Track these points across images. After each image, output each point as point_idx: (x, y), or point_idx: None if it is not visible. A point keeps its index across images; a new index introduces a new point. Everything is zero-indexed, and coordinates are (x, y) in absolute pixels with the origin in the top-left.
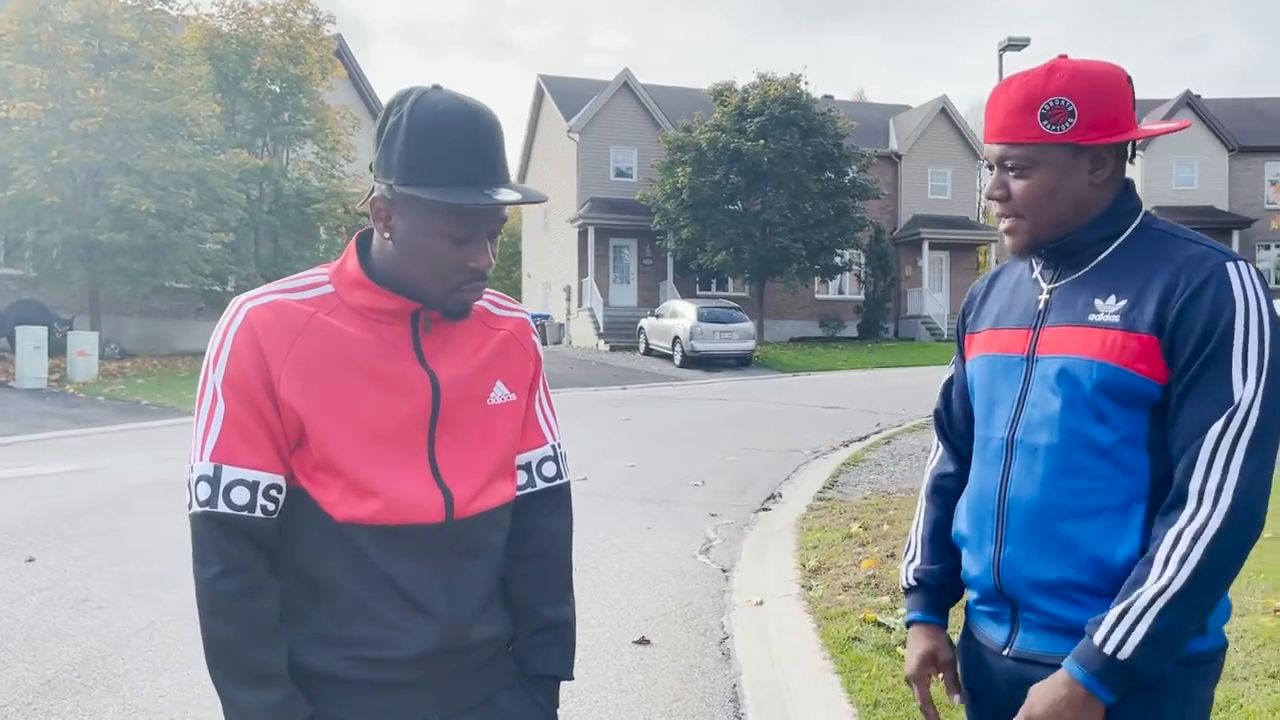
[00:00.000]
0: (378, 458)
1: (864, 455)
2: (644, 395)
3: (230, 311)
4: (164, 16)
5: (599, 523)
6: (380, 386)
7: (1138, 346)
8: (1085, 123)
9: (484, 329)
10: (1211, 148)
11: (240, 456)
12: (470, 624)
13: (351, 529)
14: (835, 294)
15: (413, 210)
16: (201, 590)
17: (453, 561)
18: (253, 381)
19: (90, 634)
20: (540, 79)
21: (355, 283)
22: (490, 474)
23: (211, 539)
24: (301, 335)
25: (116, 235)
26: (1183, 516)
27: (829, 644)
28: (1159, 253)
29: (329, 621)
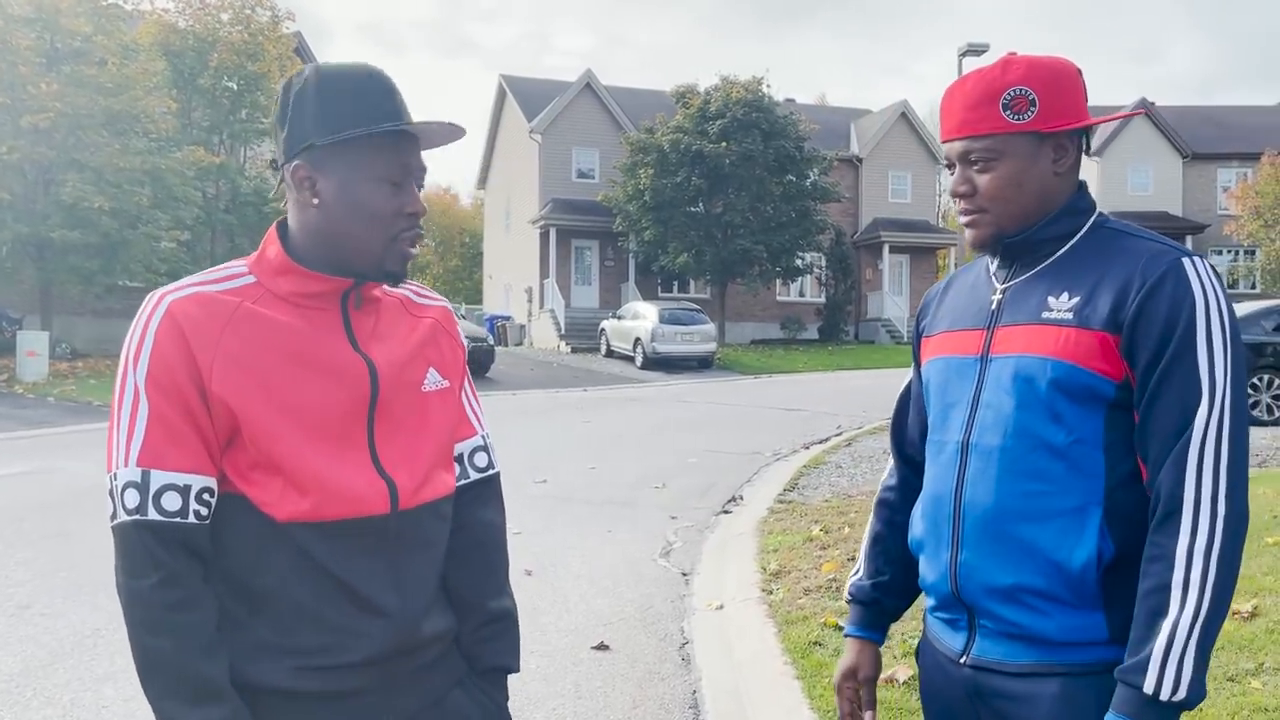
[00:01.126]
0: (318, 450)
1: (825, 457)
2: (605, 397)
3: (148, 305)
4: (119, 11)
5: (558, 526)
6: (317, 374)
7: (1092, 343)
8: (1047, 110)
9: (409, 316)
10: (1166, 154)
11: (169, 459)
12: (420, 620)
13: (293, 529)
14: (796, 296)
15: (342, 164)
16: (135, 603)
17: (400, 556)
18: (179, 377)
19: (30, 642)
20: (502, 79)
21: (280, 269)
22: (430, 463)
23: (144, 548)
24: (229, 325)
25: (68, 233)
26: (1184, 531)
27: (790, 649)
28: (1113, 250)
29: (271, 631)
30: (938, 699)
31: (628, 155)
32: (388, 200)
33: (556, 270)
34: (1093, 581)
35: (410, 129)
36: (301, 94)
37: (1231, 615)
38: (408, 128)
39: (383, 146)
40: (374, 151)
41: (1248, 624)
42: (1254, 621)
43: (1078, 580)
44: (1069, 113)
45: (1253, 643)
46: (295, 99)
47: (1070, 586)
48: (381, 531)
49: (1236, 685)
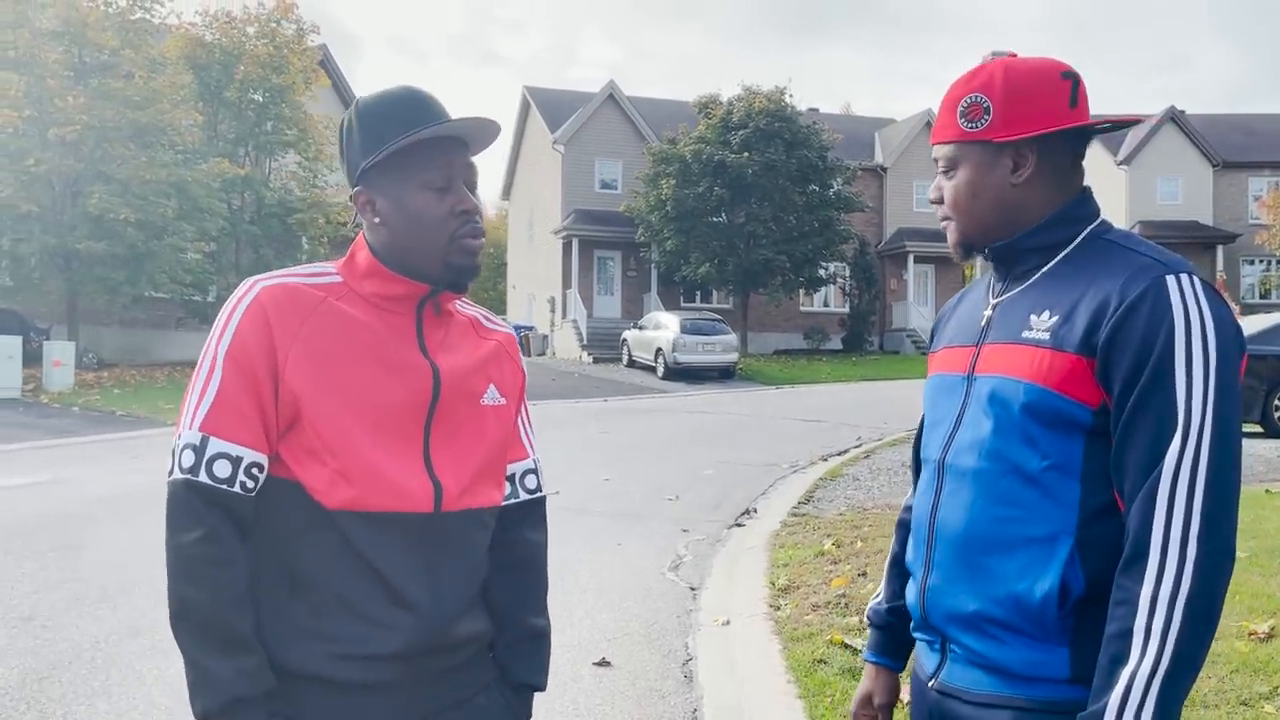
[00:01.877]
0: (375, 443)
1: (842, 470)
2: (625, 408)
3: (243, 289)
4: (146, 25)
5: (568, 538)
6: (385, 372)
7: (1066, 367)
8: (1000, 119)
9: (476, 336)
10: (1196, 163)
11: (228, 430)
12: (451, 621)
13: (339, 516)
14: (820, 306)
15: (390, 180)
16: (175, 555)
17: (437, 555)
18: (256, 358)
19: (29, 654)
20: (526, 90)
21: (366, 271)
22: (477, 472)
23: (190, 506)
24: (312, 316)
25: (95, 244)
26: (1149, 575)
27: (793, 666)
28: (1100, 265)
29: (308, 615)
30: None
31: (650, 166)
32: (437, 204)
33: (579, 280)
34: (1053, 616)
35: (442, 130)
36: (349, 127)
37: (1247, 636)
38: (439, 129)
39: (421, 154)
40: (414, 161)
41: (1264, 645)
42: (1271, 642)
43: (1037, 613)
44: (1028, 121)
45: (1268, 664)
46: (346, 133)
47: (1029, 619)
48: (422, 529)
49: (1250, 710)
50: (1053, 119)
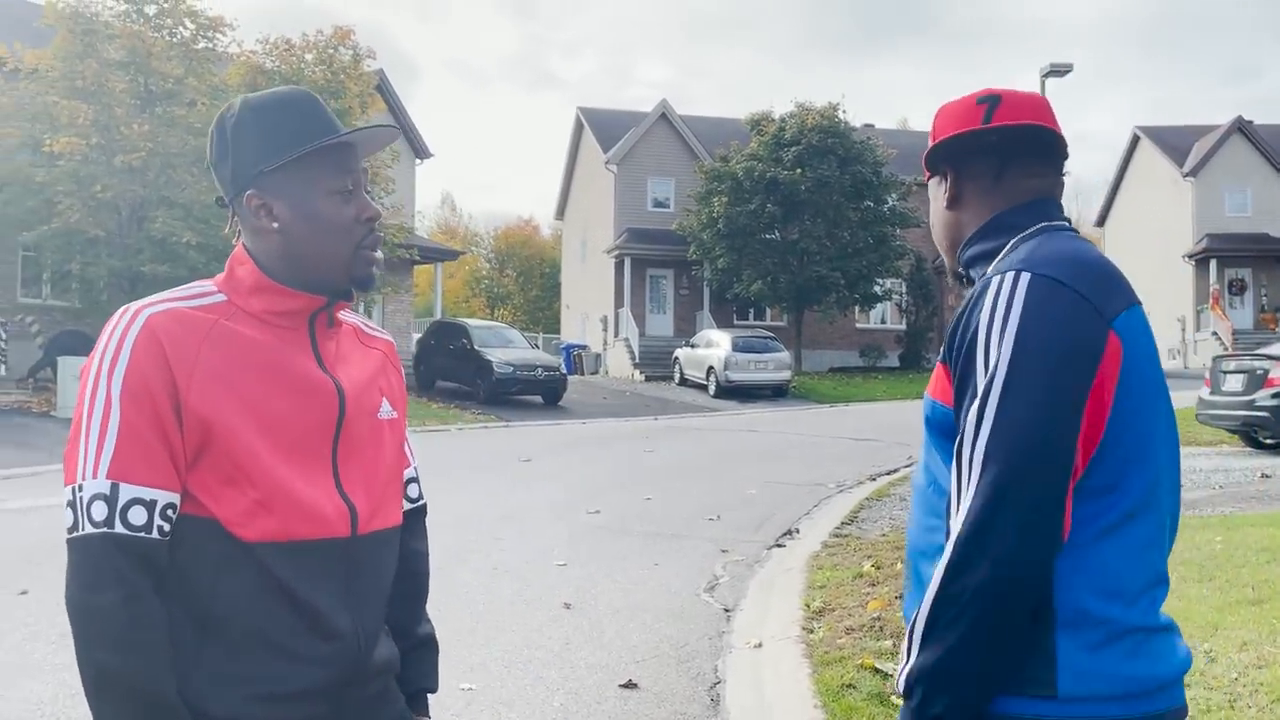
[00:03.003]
0: (289, 468)
1: (890, 489)
2: (674, 426)
3: (124, 318)
4: (209, 54)
5: (604, 558)
6: (290, 392)
7: (943, 378)
8: (931, 151)
9: (361, 346)
10: (1265, 174)
11: (138, 473)
12: (370, 647)
13: (259, 549)
14: (876, 323)
15: (293, 185)
16: (95, 620)
17: (355, 581)
18: (155, 390)
19: (65, 669)
20: (580, 111)
21: (254, 287)
22: (384, 490)
23: (109, 562)
24: (207, 341)
25: (159, 267)
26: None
27: (822, 691)
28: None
29: (224, 658)
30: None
31: (702, 183)
32: (341, 210)
33: (631, 299)
34: None
35: (351, 138)
36: (239, 126)
37: None
38: (350, 137)
39: (328, 160)
40: (320, 166)
41: None
42: None
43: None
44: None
45: None
46: (233, 131)
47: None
48: (339, 555)
49: None
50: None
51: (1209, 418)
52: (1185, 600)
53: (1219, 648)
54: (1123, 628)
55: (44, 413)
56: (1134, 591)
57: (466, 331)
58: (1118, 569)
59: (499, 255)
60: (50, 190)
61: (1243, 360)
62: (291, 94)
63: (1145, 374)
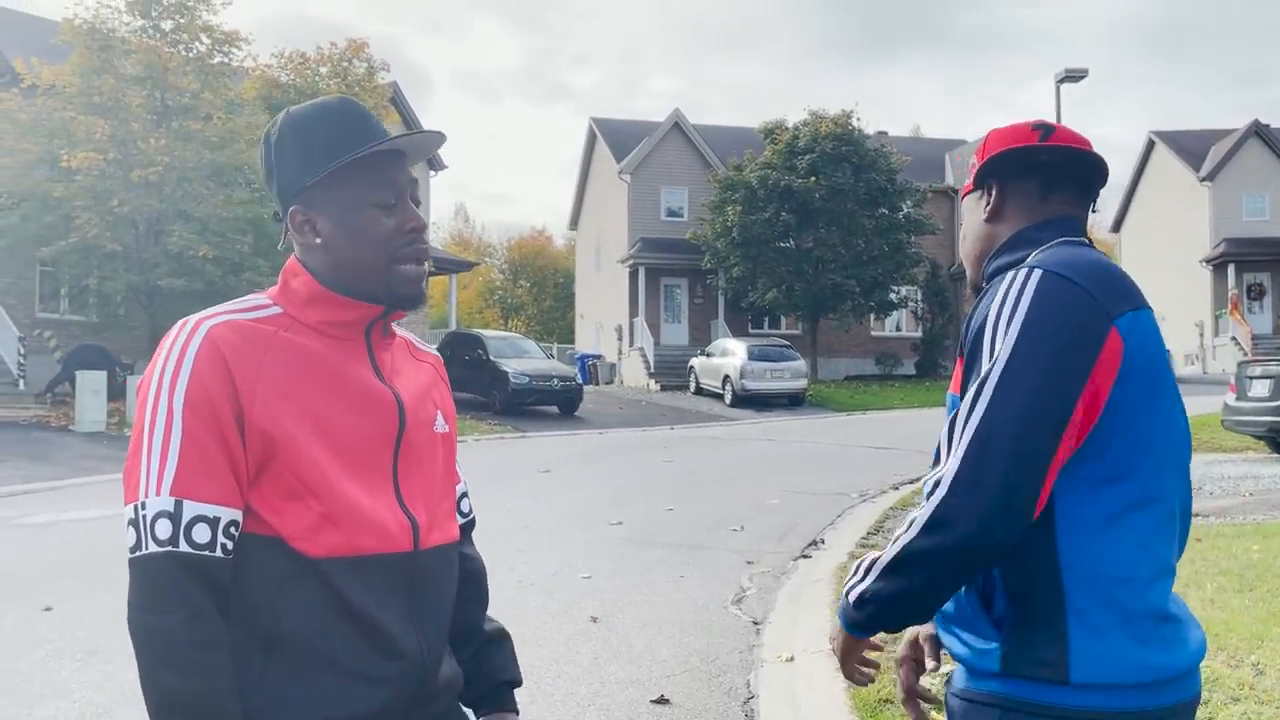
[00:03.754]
0: (352, 480)
1: (913, 499)
2: (691, 436)
3: (184, 331)
4: (224, 68)
5: (629, 570)
6: (351, 403)
7: (958, 370)
8: (978, 168)
9: (413, 359)
10: None
11: (202, 489)
12: (435, 667)
13: (324, 564)
14: (892, 331)
15: (333, 199)
16: (156, 640)
17: (419, 597)
18: (220, 404)
19: (92, 688)
20: (593, 121)
21: (309, 298)
22: (442, 505)
23: (174, 582)
24: (269, 353)
25: (176, 281)
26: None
27: (858, 706)
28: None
29: (289, 679)
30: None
31: (716, 193)
32: (383, 223)
33: (646, 308)
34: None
35: (388, 145)
36: (280, 142)
37: None
38: (385, 145)
39: (367, 171)
40: (360, 178)
41: None
42: None
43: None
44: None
45: None
46: (276, 148)
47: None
48: (404, 570)
49: None
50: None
51: (1235, 424)
52: (1228, 611)
53: (1266, 660)
54: (1132, 614)
55: (63, 427)
56: (1143, 579)
57: (482, 342)
58: (1126, 557)
59: (512, 266)
60: (68, 205)
61: (1269, 365)
62: (330, 104)
63: (1150, 372)
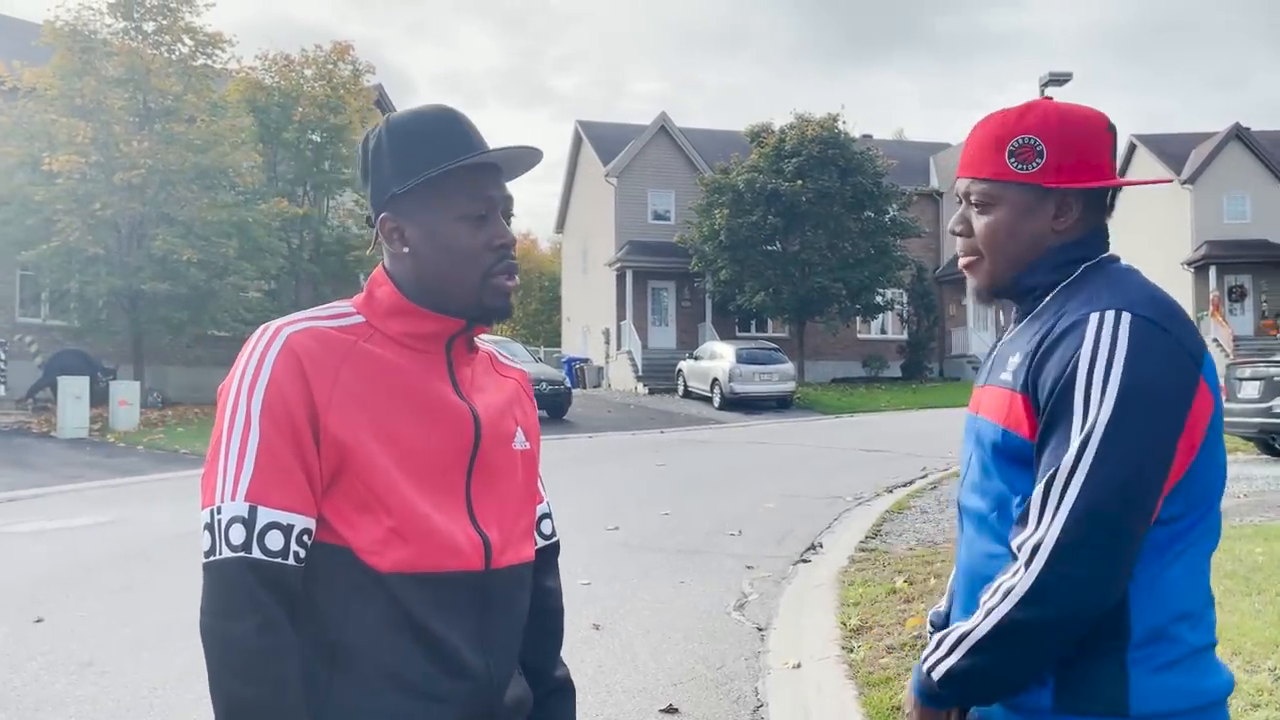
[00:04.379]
0: (423, 495)
1: (909, 502)
2: (682, 439)
3: (264, 336)
4: (208, 70)
5: (629, 576)
6: (426, 418)
7: (1017, 407)
8: (1053, 164)
9: (496, 375)
10: (1264, 180)
11: (275, 496)
12: (502, 689)
13: (392, 579)
14: (878, 334)
15: (424, 209)
16: (230, 648)
17: (487, 617)
18: (296, 411)
19: (88, 703)
20: (578, 124)
21: (392, 309)
22: (517, 524)
23: (247, 589)
24: (346, 362)
25: (159, 285)
26: (1009, 570)
27: (871, 714)
28: (1062, 302)
29: (354, 693)
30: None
31: (703, 196)
32: (473, 236)
33: (633, 312)
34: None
35: (483, 159)
36: (378, 147)
37: None
38: (479, 158)
39: (460, 183)
40: (452, 190)
41: None
42: None
43: None
44: (1078, 169)
45: None
46: (373, 153)
47: None
48: (473, 589)
49: None
50: (1102, 173)
51: (1225, 425)
52: (1238, 615)
53: None
54: (1191, 648)
55: (44, 433)
56: (1199, 612)
57: None
58: (1185, 591)
59: None
60: (49, 209)
61: (1259, 367)
62: (431, 112)
63: (1218, 411)
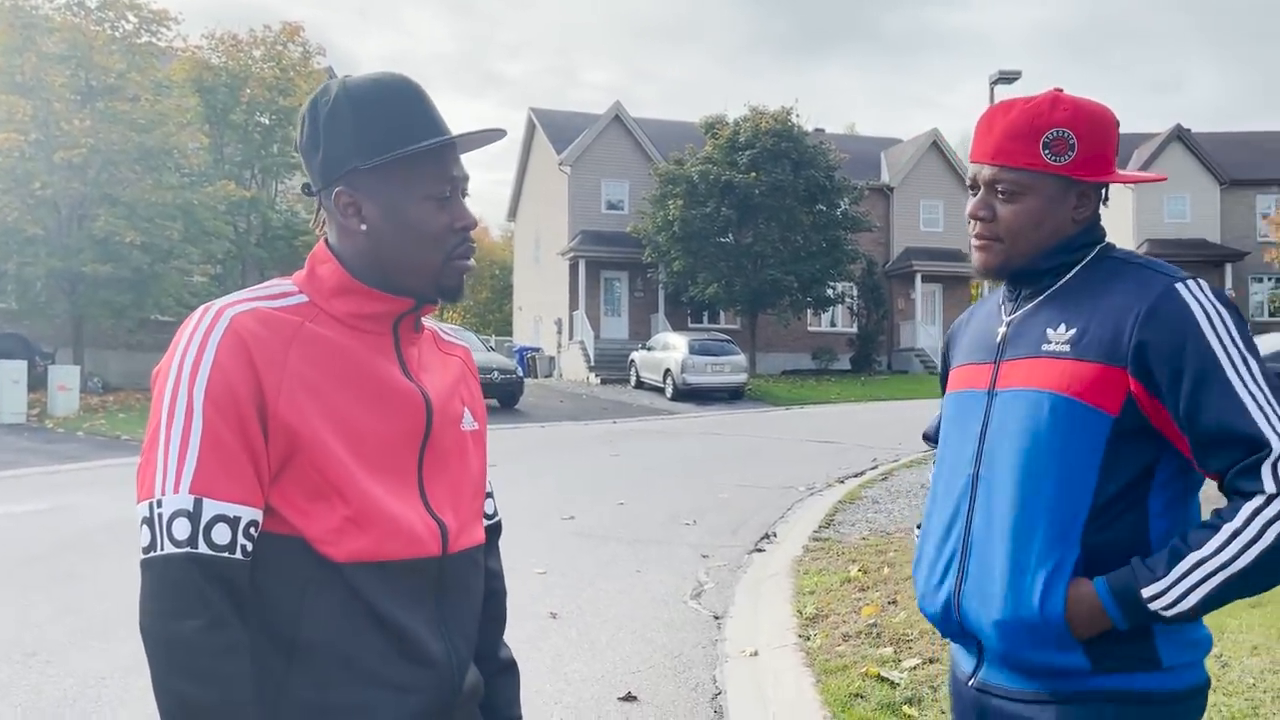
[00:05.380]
0: (377, 482)
1: (860, 492)
2: (635, 429)
3: (205, 317)
4: (152, 49)
5: (585, 565)
6: (378, 402)
7: (1089, 376)
8: (1083, 158)
9: (440, 353)
10: (1203, 181)
11: (221, 487)
12: (463, 674)
13: (350, 570)
14: (828, 326)
15: (386, 186)
16: (175, 648)
17: (446, 602)
18: (242, 398)
19: (33, 692)
20: (532, 112)
21: (338, 288)
22: (470, 507)
23: (194, 586)
24: (294, 346)
25: (100, 267)
26: (1251, 504)
27: (829, 701)
28: (1108, 281)
29: (311, 687)
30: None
31: (657, 186)
32: (436, 217)
33: (586, 301)
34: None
35: (456, 139)
36: (333, 115)
37: None
38: (452, 138)
39: (427, 162)
40: (417, 168)
41: None
42: None
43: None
44: (1102, 164)
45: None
46: (326, 120)
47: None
48: (430, 575)
49: None
50: (1113, 168)
51: None
52: None
53: (1229, 652)
54: None
55: None
56: None
57: None
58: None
59: None
60: None
61: None
62: (394, 83)
63: None
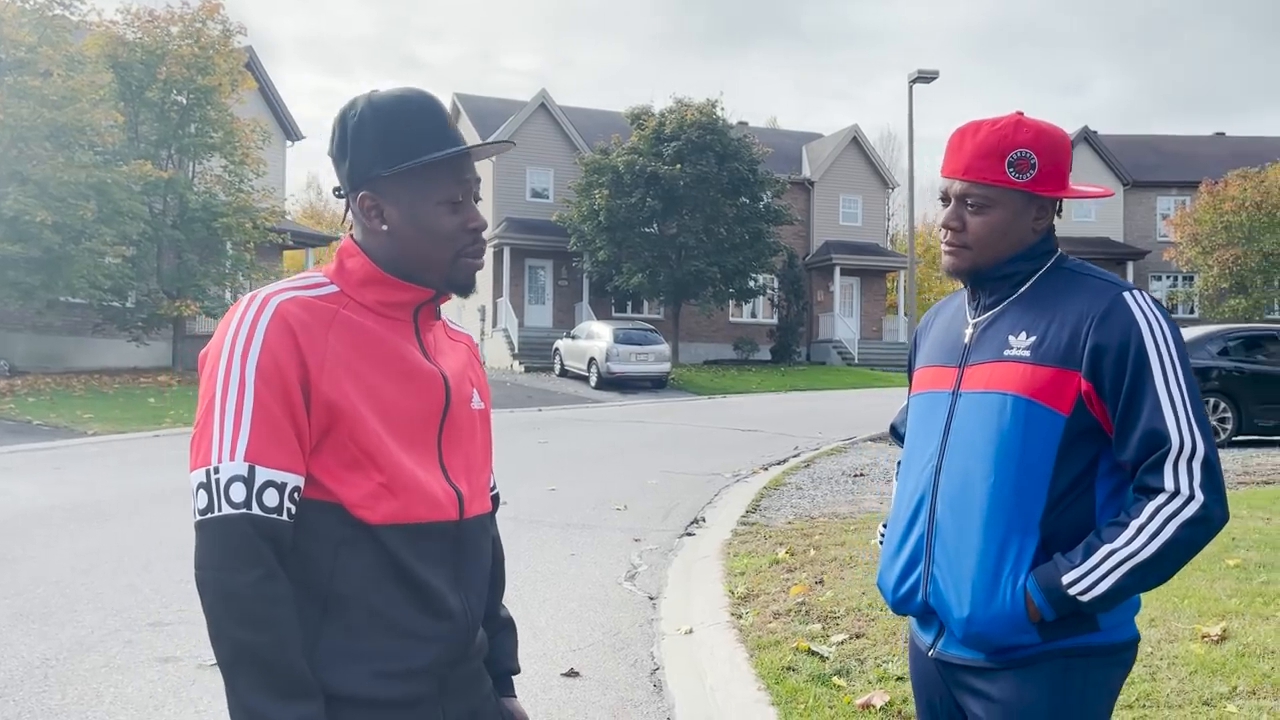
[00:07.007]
0: (405, 453)
1: (784, 479)
2: (561, 417)
3: (253, 305)
4: (64, 22)
5: (520, 550)
6: (405, 381)
7: (1045, 379)
8: (1043, 175)
9: (449, 339)
10: (1108, 182)
11: (272, 456)
12: (476, 628)
13: (382, 531)
14: (749, 317)
15: (406, 191)
16: (235, 598)
17: (462, 563)
18: (287, 375)
19: None
20: (456, 97)
21: (366, 279)
22: (479, 477)
23: (249, 543)
24: (332, 330)
25: (9, 247)
26: (1154, 501)
27: (763, 674)
28: (1063, 292)
29: (344, 636)
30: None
31: (582, 175)
32: (450, 219)
33: (510, 289)
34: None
35: (470, 151)
36: (359, 126)
37: (1200, 638)
38: (469, 150)
39: (442, 170)
40: (435, 176)
41: (1218, 647)
42: (1224, 645)
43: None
44: (1059, 182)
45: (1224, 666)
46: (353, 131)
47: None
48: (450, 538)
49: (1213, 709)
50: (1067, 184)
51: None
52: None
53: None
54: None
55: None
56: None
57: None
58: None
59: None
60: None
61: None
62: (414, 99)
63: None
